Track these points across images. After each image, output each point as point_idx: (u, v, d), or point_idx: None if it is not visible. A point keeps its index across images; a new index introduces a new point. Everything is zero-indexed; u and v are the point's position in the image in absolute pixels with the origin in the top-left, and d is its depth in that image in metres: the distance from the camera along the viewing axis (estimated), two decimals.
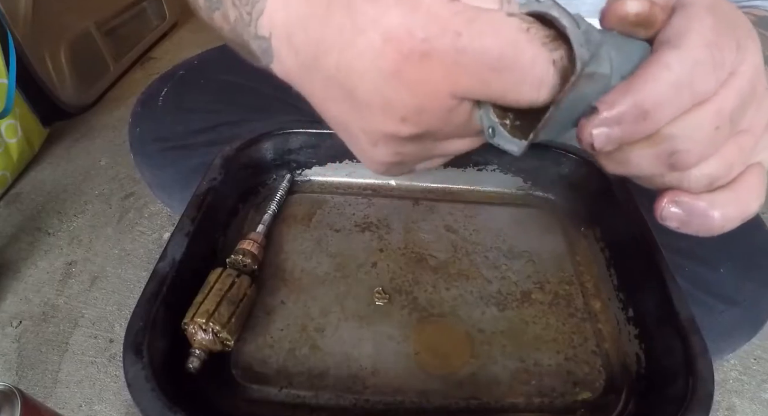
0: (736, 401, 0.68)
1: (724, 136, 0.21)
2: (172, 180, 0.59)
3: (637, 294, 0.38)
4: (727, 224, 0.23)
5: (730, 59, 0.21)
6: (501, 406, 0.35)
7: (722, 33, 0.20)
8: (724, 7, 0.22)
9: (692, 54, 0.20)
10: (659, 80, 0.19)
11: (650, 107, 0.20)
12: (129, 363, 0.30)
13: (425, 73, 0.21)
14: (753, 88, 0.21)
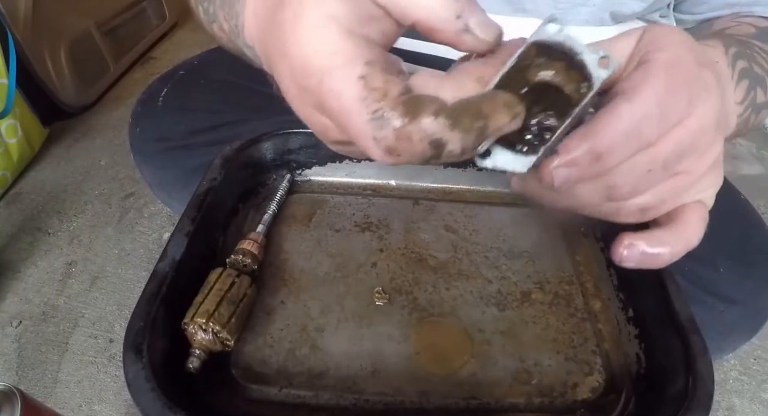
0: (736, 401, 0.68)
1: (656, 177, 0.24)
2: (172, 180, 0.59)
3: (637, 294, 0.38)
4: (674, 257, 0.26)
5: (677, 113, 0.23)
6: (501, 406, 0.35)
7: (674, 90, 0.23)
8: (685, 64, 0.24)
9: (642, 107, 0.22)
10: (612, 129, 0.22)
11: (603, 152, 0.22)
12: (129, 363, 0.30)
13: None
14: (695, 139, 0.24)
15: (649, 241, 0.26)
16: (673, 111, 0.23)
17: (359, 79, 0.21)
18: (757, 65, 0.38)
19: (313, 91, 0.22)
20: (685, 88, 0.24)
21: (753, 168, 1.09)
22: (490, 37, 0.23)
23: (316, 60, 0.22)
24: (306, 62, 0.22)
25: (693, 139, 0.24)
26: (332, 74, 0.21)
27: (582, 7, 0.49)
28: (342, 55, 0.21)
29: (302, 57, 0.22)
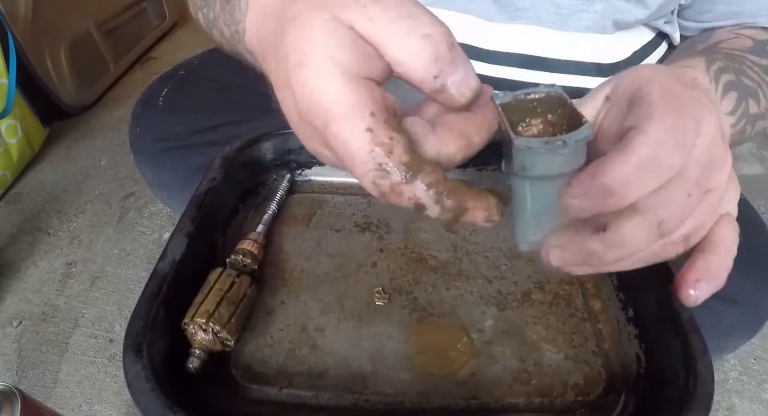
0: (736, 401, 0.68)
1: (696, 199, 0.25)
2: (172, 180, 0.59)
3: (637, 294, 0.38)
4: (728, 271, 0.27)
5: (690, 135, 0.24)
6: (501, 406, 0.35)
7: (680, 114, 0.24)
8: (676, 89, 0.25)
9: (655, 139, 0.23)
10: (625, 164, 0.22)
11: (616, 187, 0.22)
12: (129, 363, 0.30)
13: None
14: (710, 154, 0.25)
15: (709, 272, 0.27)
16: (687, 133, 0.23)
17: (366, 131, 0.22)
18: (747, 78, 0.38)
19: (317, 130, 0.23)
20: (687, 109, 0.24)
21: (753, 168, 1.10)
22: (465, 98, 0.24)
23: (321, 104, 0.23)
24: (311, 104, 0.23)
25: (710, 154, 0.25)
26: (338, 123, 0.22)
27: (583, 14, 0.49)
28: (346, 102, 0.22)
29: (307, 98, 0.23)
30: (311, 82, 0.23)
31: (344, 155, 0.23)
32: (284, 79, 0.24)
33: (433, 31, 0.23)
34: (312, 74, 0.23)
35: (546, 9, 0.48)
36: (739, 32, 0.48)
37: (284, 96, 0.25)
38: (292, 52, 0.24)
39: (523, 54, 0.50)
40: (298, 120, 0.25)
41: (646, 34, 0.54)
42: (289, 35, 0.24)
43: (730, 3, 0.50)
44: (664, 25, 0.53)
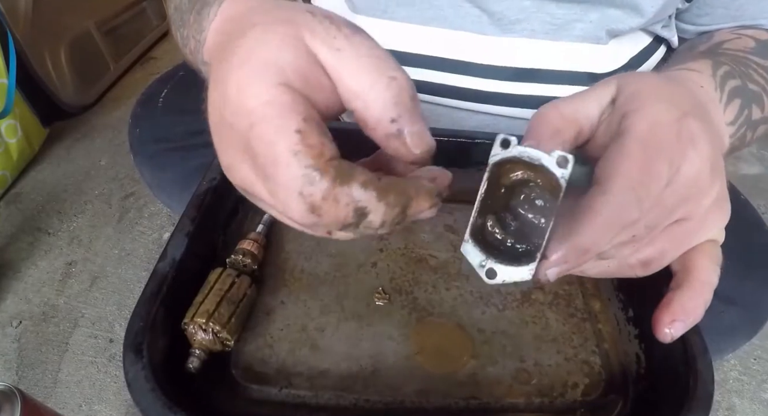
0: (736, 401, 0.68)
1: (641, 238, 0.25)
2: (172, 181, 0.59)
3: (637, 294, 0.38)
4: (707, 304, 0.27)
5: (659, 184, 0.24)
6: (501, 406, 0.35)
7: (650, 164, 0.23)
8: (663, 127, 0.24)
9: (617, 199, 0.23)
10: (592, 225, 0.23)
11: (589, 246, 0.23)
12: (129, 362, 0.30)
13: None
14: (685, 192, 0.25)
15: (684, 310, 0.27)
16: (653, 187, 0.24)
17: (296, 132, 0.20)
18: (753, 82, 0.38)
19: (240, 133, 0.22)
20: (664, 155, 0.24)
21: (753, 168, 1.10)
22: (418, 150, 0.23)
23: (250, 103, 0.21)
24: (239, 103, 0.21)
25: (682, 194, 0.25)
26: (267, 122, 0.21)
27: (578, 23, 0.48)
28: (278, 106, 0.21)
29: (235, 97, 0.22)
30: (246, 82, 0.21)
31: (266, 161, 0.21)
32: (220, 76, 0.23)
33: (400, 77, 0.22)
34: (250, 75, 0.21)
35: (540, 20, 0.48)
36: (741, 32, 0.47)
37: (213, 95, 0.24)
38: (240, 51, 0.22)
39: (516, 67, 0.50)
40: (218, 121, 0.23)
41: (643, 40, 0.54)
42: (245, 37, 0.23)
43: (728, 6, 0.50)
44: (662, 29, 0.53)
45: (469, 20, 0.49)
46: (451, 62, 0.50)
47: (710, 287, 0.27)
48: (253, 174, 0.22)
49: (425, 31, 0.50)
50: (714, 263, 0.27)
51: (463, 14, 0.48)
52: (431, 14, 0.49)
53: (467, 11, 0.48)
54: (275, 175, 0.21)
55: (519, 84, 0.50)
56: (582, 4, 0.47)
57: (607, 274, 0.28)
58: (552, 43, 0.49)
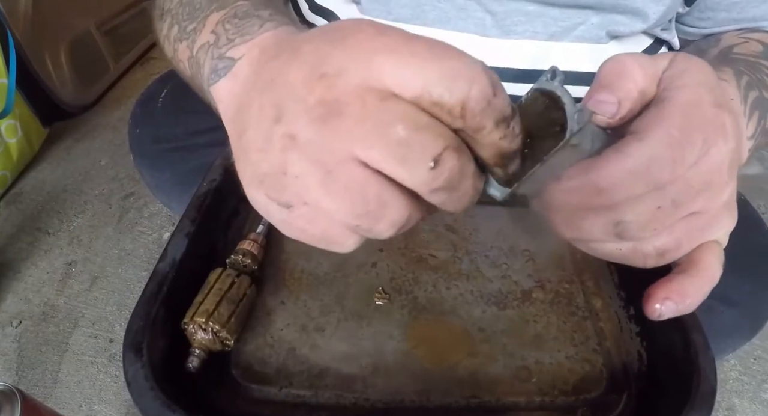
0: (736, 401, 0.68)
1: (666, 215, 0.24)
2: (172, 182, 0.59)
3: (639, 292, 0.38)
4: (703, 298, 0.27)
5: (692, 155, 0.23)
6: (502, 405, 0.35)
7: (689, 131, 0.23)
8: (703, 106, 0.24)
9: (652, 149, 0.23)
10: (618, 166, 0.23)
11: (605, 186, 0.23)
12: (129, 362, 0.30)
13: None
14: (706, 178, 0.24)
15: (680, 292, 0.26)
16: (687, 153, 0.23)
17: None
18: (766, 89, 0.38)
19: (387, 34, 0.20)
20: (700, 130, 0.24)
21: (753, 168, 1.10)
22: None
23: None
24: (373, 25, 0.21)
25: (706, 179, 0.24)
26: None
27: (580, 26, 0.48)
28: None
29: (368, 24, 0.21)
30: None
31: (449, 47, 0.20)
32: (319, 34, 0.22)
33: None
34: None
35: (543, 23, 0.48)
36: (747, 37, 0.47)
37: (317, 31, 0.23)
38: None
39: (518, 68, 0.50)
40: (340, 28, 0.21)
41: (644, 41, 0.54)
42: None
43: (730, 10, 0.50)
44: (661, 32, 0.53)
45: (472, 22, 0.49)
46: None
47: (711, 282, 0.26)
48: (413, 63, 0.20)
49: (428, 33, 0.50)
50: (717, 261, 0.27)
51: (466, 16, 0.49)
52: (434, 16, 0.49)
53: (470, 14, 0.48)
54: (461, 56, 0.20)
55: (521, 85, 0.50)
56: (585, 9, 0.47)
57: (616, 257, 0.27)
58: (553, 45, 0.49)
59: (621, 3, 0.46)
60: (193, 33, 0.33)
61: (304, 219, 0.22)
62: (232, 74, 0.28)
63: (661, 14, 0.47)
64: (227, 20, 0.31)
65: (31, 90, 0.94)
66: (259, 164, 0.22)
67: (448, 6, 0.48)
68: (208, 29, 0.32)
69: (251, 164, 0.23)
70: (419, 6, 0.49)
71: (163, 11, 0.39)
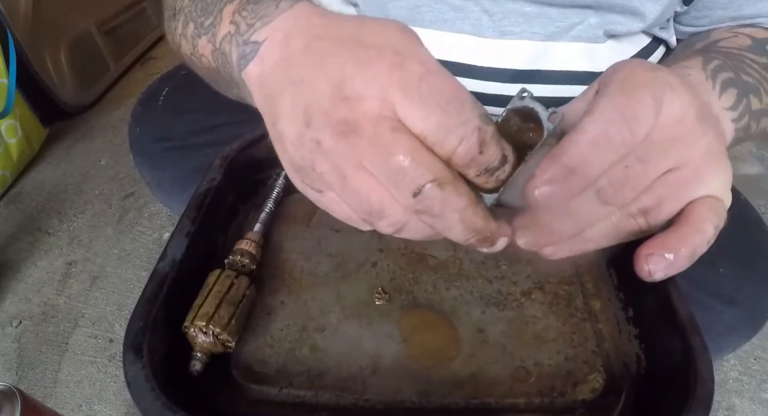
0: (736, 401, 0.68)
1: (637, 173, 0.25)
2: (172, 181, 0.59)
3: (637, 294, 0.38)
4: (696, 253, 0.26)
5: (645, 111, 0.24)
6: (501, 406, 0.35)
7: (632, 92, 0.25)
8: (638, 73, 0.26)
9: (603, 117, 0.24)
10: (578, 142, 0.24)
11: (576, 165, 0.24)
12: (129, 363, 0.30)
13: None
14: (672, 132, 0.25)
15: (663, 244, 0.26)
16: (638, 110, 0.24)
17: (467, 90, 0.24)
18: (747, 75, 0.38)
19: (411, 73, 0.23)
20: (644, 89, 0.25)
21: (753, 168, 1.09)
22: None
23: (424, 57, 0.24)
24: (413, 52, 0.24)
25: (670, 134, 0.25)
26: (443, 72, 0.24)
27: (578, 26, 0.48)
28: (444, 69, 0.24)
29: (407, 47, 0.24)
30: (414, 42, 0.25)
31: (449, 99, 0.23)
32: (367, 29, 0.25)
33: None
34: (415, 41, 0.25)
35: (541, 24, 0.48)
36: (738, 31, 0.48)
37: (349, 26, 0.26)
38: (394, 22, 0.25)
39: (515, 69, 0.50)
40: (365, 48, 0.24)
41: (642, 40, 0.54)
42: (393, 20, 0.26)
43: (727, 8, 0.50)
44: (659, 31, 0.53)
45: (469, 23, 0.49)
46: (452, 65, 0.50)
47: (699, 232, 0.26)
48: (418, 108, 0.23)
49: (426, 34, 0.50)
50: (711, 213, 0.26)
51: (463, 17, 0.49)
52: (431, 17, 0.49)
53: (467, 14, 0.48)
54: (460, 112, 0.23)
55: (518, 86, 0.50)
56: (583, 9, 0.47)
57: (613, 233, 0.27)
58: (551, 44, 0.49)
59: (618, 2, 0.46)
60: (212, 27, 0.34)
61: (331, 202, 0.27)
62: (259, 58, 0.28)
63: (658, 14, 0.47)
64: (242, 8, 0.32)
65: (31, 90, 0.94)
66: (294, 156, 0.26)
67: (445, 7, 0.48)
68: (226, 21, 0.33)
69: (288, 154, 0.26)
70: (416, 8, 0.49)
71: (176, 11, 0.40)
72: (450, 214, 0.24)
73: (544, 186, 0.24)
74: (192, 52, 0.38)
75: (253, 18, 0.30)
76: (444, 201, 0.23)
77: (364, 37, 0.25)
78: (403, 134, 0.23)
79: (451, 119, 0.23)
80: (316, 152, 0.24)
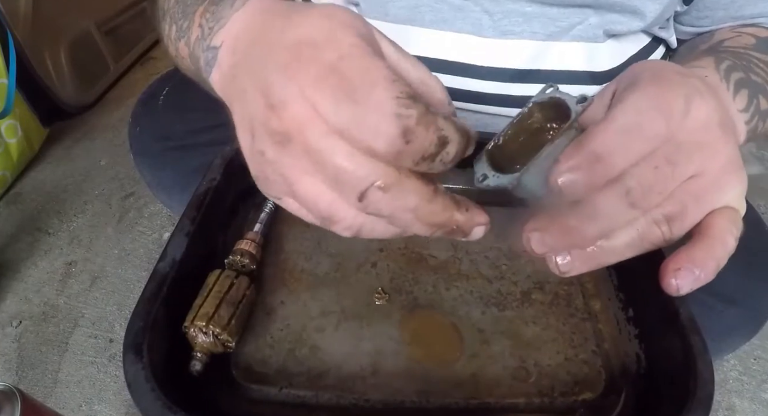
0: (736, 401, 0.68)
1: (665, 175, 0.24)
2: (172, 181, 0.59)
3: (637, 294, 0.38)
4: (720, 266, 0.26)
5: (677, 109, 0.24)
6: (501, 406, 0.35)
7: (665, 89, 0.24)
8: (669, 73, 0.26)
9: (636, 106, 0.23)
10: (606, 130, 0.23)
11: (602, 152, 0.23)
12: (129, 363, 0.30)
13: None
14: (696, 136, 0.24)
15: (690, 259, 0.26)
16: (672, 104, 0.24)
17: (387, 67, 0.21)
18: (755, 75, 0.38)
19: (323, 63, 0.21)
20: (676, 88, 0.25)
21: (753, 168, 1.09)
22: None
23: (341, 42, 0.22)
24: (327, 39, 0.22)
25: (696, 138, 0.24)
26: (361, 54, 0.21)
27: (578, 25, 0.49)
28: (367, 47, 0.22)
29: (324, 35, 0.22)
30: (332, 27, 0.22)
31: (360, 84, 0.20)
32: (293, 23, 0.24)
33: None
34: (336, 23, 0.22)
35: (541, 24, 0.48)
36: (741, 31, 0.48)
37: (276, 24, 0.25)
38: (317, 11, 0.24)
39: (515, 68, 0.50)
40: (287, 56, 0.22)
41: (642, 40, 0.54)
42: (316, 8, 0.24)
43: (728, 8, 0.50)
44: (659, 30, 0.53)
45: (469, 23, 0.49)
46: (452, 64, 0.50)
47: (723, 245, 0.26)
48: (329, 101, 0.21)
49: (426, 34, 0.50)
50: (731, 224, 0.26)
51: (463, 17, 0.49)
52: (431, 17, 0.49)
53: (467, 14, 0.48)
54: (368, 98, 0.20)
55: (518, 85, 0.50)
56: (583, 8, 0.47)
57: (637, 242, 0.26)
58: (551, 44, 0.49)
59: (618, 1, 0.46)
60: (188, 30, 0.34)
61: (292, 207, 0.26)
62: (218, 64, 0.28)
63: (658, 13, 0.48)
64: (207, 10, 0.32)
65: (31, 90, 0.94)
66: (251, 164, 0.25)
67: (445, 7, 0.49)
68: (195, 23, 0.32)
69: (248, 161, 0.26)
70: (416, 7, 0.49)
71: (164, 12, 0.40)
72: (402, 214, 0.22)
73: (567, 173, 0.23)
74: (175, 54, 0.38)
75: (212, 21, 0.30)
76: (391, 202, 0.22)
77: (286, 35, 0.23)
78: (333, 136, 0.21)
79: (359, 109, 0.20)
80: (263, 163, 0.24)
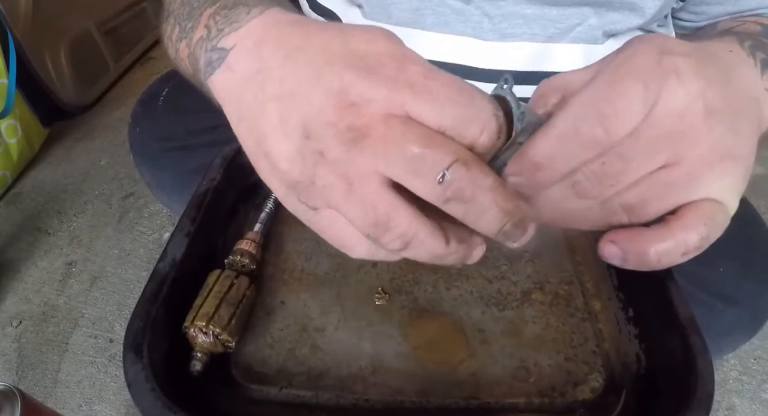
0: (736, 401, 0.68)
1: (616, 170, 0.23)
2: (172, 181, 0.59)
3: (637, 294, 0.38)
4: (664, 259, 0.24)
5: (631, 104, 0.22)
6: (501, 406, 0.35)
7: (618, 82, 0.23)
8: (640, 55, 0.23)
9: (575, 112, 0.23)
10: (544, 139, 0.23)
11: (540, 160, 0.23)
12: (129, 363, 0.30)
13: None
14: (671, 127, 0.23)
15: (629, 238, 0.25)
16: (620, 105, 0.22)
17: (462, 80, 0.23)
18: None
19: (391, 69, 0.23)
20: (638, 77, 0.22)
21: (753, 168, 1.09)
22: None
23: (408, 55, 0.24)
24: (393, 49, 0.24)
25: (666, 127, 0.23)
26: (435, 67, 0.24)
27: (578, 26, 0.49)
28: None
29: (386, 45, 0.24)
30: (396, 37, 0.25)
31: (460, 89, 0.23)
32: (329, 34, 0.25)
33: None
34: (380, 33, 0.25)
35: (541, 26, 0.48)
36: (743, 19, 0.48)
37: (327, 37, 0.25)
38: (356, 27, 0.25)
39: (516, 70, 0.50)
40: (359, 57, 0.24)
41: None
42: (353, 27, 0.25)
43: (725, 3, 0.50)
44: (658, 28, 0.53)
45: (470, 26, 0.49)
46: (453, 67, 0.50)
47: (676, 241, 0.24)
48: (428, 105, 0.23)
49: (427, 37, 0.50)
50: (700, 220, 0.24)
51: (464, 20, 0.49)
52: (433, 20, 0.49)
53: (468, 17, 0.49)
54: (472, 101, 0.23)
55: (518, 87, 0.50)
56: (583, 8, 0.47)
57: (592, 221, 0.26)
58: (550, 46, 0.49)
59: None
60: (191, 30, 0.33)
61: (326, 220, 0.25)
62: (227, 66, 0.28)
63: (657, 9, 0.48)
64: (217, 12, 0.31)
65: (31, 90, 0.94)
66: (290, 172, 0.24)
67: (447, 10, 0.49)
68: (201, 24, 0.32)
69: (280, 172, 0.25)
70: (418, 10, 0.49)
71: (168, 13, 0.40)
72: (483, 195, 0.22)
73: (511, 177, 0.24)
74: (175, 56, 0.38)
75: (223, 23, 0.30)
76: (473, 180, 0.22)
77: (354, 46, 0.24)
78: (415, 124, 0.22)
79: (467, 110, 0.22)
80: (319, 165, 0.23)
